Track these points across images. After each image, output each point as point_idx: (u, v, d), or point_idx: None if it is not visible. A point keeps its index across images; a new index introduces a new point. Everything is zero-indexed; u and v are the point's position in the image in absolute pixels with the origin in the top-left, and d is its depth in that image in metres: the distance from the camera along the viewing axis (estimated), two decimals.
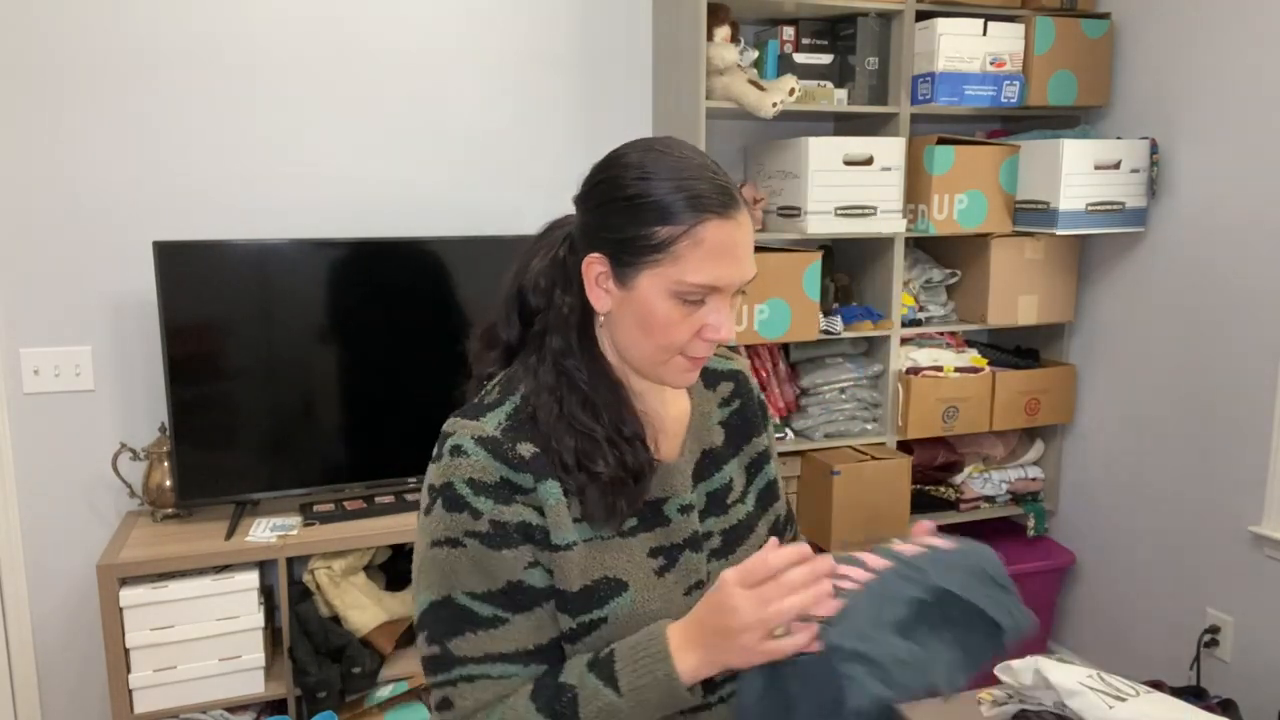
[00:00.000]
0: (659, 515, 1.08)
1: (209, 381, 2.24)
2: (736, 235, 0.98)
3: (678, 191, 0.97)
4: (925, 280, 2.80)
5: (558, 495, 1.01)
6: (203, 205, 2.41)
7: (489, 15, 2.58)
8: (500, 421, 1.02)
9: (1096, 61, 2.68)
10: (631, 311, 1.01)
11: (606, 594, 1.02)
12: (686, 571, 1.07)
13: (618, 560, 1.03)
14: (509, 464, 0.99)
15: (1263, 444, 2.37)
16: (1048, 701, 1.76)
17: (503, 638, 0.99)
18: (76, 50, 2.27)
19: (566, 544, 1.01)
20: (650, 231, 0.97)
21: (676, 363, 1.03)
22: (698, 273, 0.97)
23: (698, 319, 1.00)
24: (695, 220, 0.96)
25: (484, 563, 0.99)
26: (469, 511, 0.98)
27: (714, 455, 1.16)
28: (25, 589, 2.38)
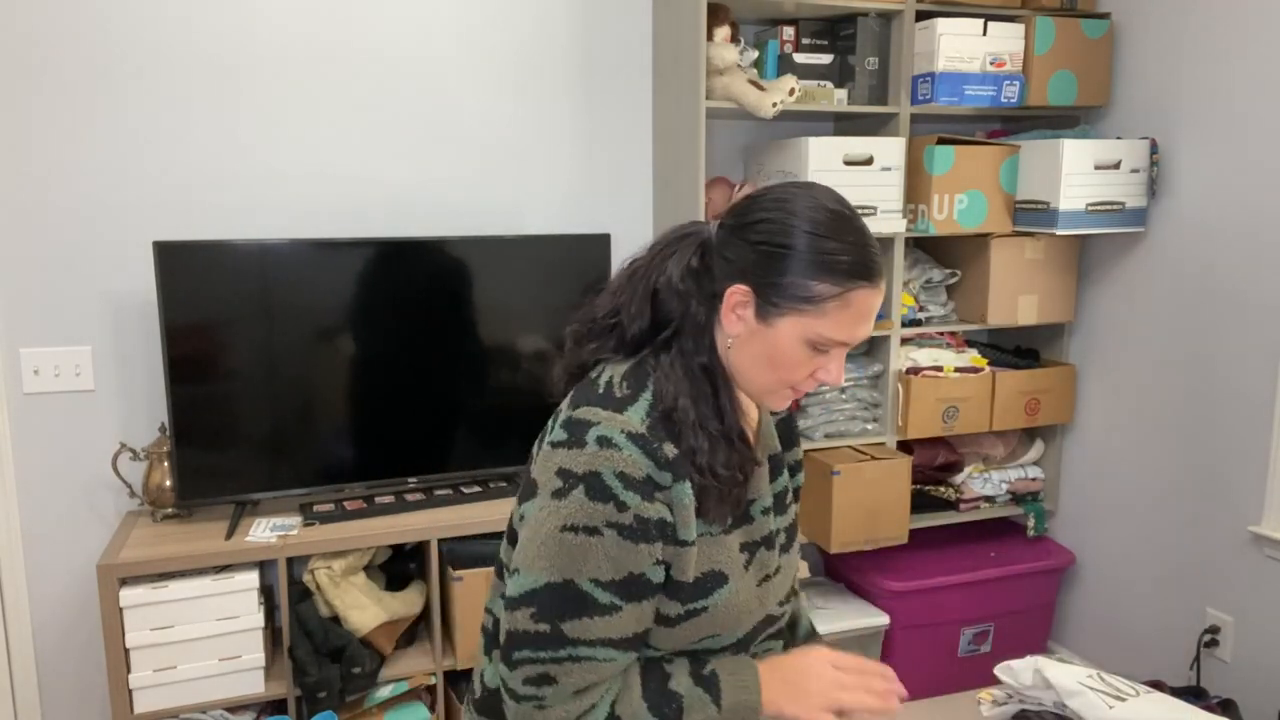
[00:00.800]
0: (747, 514, 1.17)
1: (209, 381, 2.24)
2: (877, 301, 1.08)
3: (843, 255, 1.05)
4: (925, 280, 2.80)
5: (689, 495, 1.07)
6: (203, 205, 2.41)
7: (489, 15, 2.58)
8: (643, 418, 1.06)
9: (1096, 61, 2.68)
10: (762, 345, 1.09)
11: (711, 585, 1.11)
12: (761, 566, 1.17)
13: (721, 555, 1.12)
14: (656, 462, 1.05)
15: (1263, 444, 2.37)
16: (1048, 701, 1.76)
17: (613, 625, 1.05)
18: (77, 50, 2.27)
19: (687, 540, 1.08)
20: (806, 284, 1.04)
21: (785, 394, 1.13)
22: (840, 331, 1.06)
23: (817, 362, 1.10)
24: (852, 286, 1.05)
25: (617, 554, 1.03)
26: (615, 503, 1.03)
27: (777, 459, 1.25)
28: (25, 589, 2.38)
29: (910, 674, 2.83)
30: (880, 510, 2.61)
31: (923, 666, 2.83)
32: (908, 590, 2.73)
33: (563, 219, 2.71)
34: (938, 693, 2.87)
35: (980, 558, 2.87)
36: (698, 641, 1.14)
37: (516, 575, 1.07)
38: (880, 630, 2.73)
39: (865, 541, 2.62)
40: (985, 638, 2.89)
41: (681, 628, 1.11)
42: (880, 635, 2.75)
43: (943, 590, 2.77)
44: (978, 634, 2.88)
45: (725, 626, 1.13)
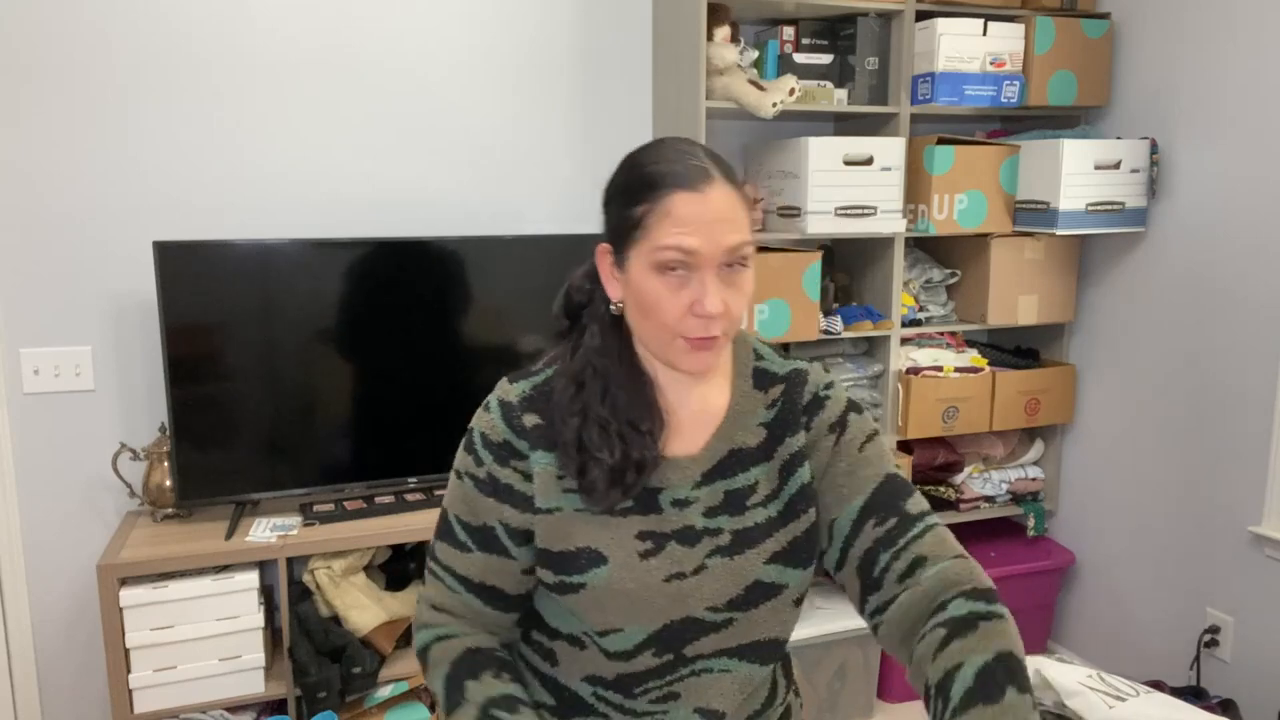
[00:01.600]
0: (653, 503, 1.12)
1: (209, 381, 2.24)
2: (705, 206, 1.02)
3: (649, 172, 1.05)
4: (925, 280, 2.80)
5: (547, 464, 1.11)
6: (203, 205, 2.41)
7: (489, 15, 2.58)
8: (524, 391, 1.14)
9: (1096, 61, 2.68)
10: (632, 296, 1.08)
11: (587, 563, 1.09)
12: (671, 561, 1.11)
13: (602, 535, 1.10)
14: (512, 428, 1.12)
15: (1263, 444, 2.37)
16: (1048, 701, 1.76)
17: (463, 561, 1.15)
18: (77, 50, 2.27)
19: (549, 508, 1.11)
20: (630, 212, 1.05)
21: (679, 345, 1.06)
22: (668, 238, 1.02)
23: (686, 295, 1.04)
24: (663, 194, 1.03)
25: (471, 501, 1.14)
26: (474, 457, 1.14)
27: (742, 455, 1.15)
28: (25, 589, 2.38)
29: None
30: None
31: None
32: None
33: (563, 219, 2.71)
34: None
35: (980, 558, 2.87)
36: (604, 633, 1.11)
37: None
38: None
39: None
40: None
41: (568, 600, 1.11)
42: None
43: None
44: None
45: (619, 616, 1.09)
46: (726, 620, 1.11)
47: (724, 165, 1.07)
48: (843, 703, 2.74)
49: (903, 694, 2.84)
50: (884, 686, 2.83)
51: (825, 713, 2.73)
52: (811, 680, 2.69)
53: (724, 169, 1.07)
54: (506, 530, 1.13)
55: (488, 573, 1.15)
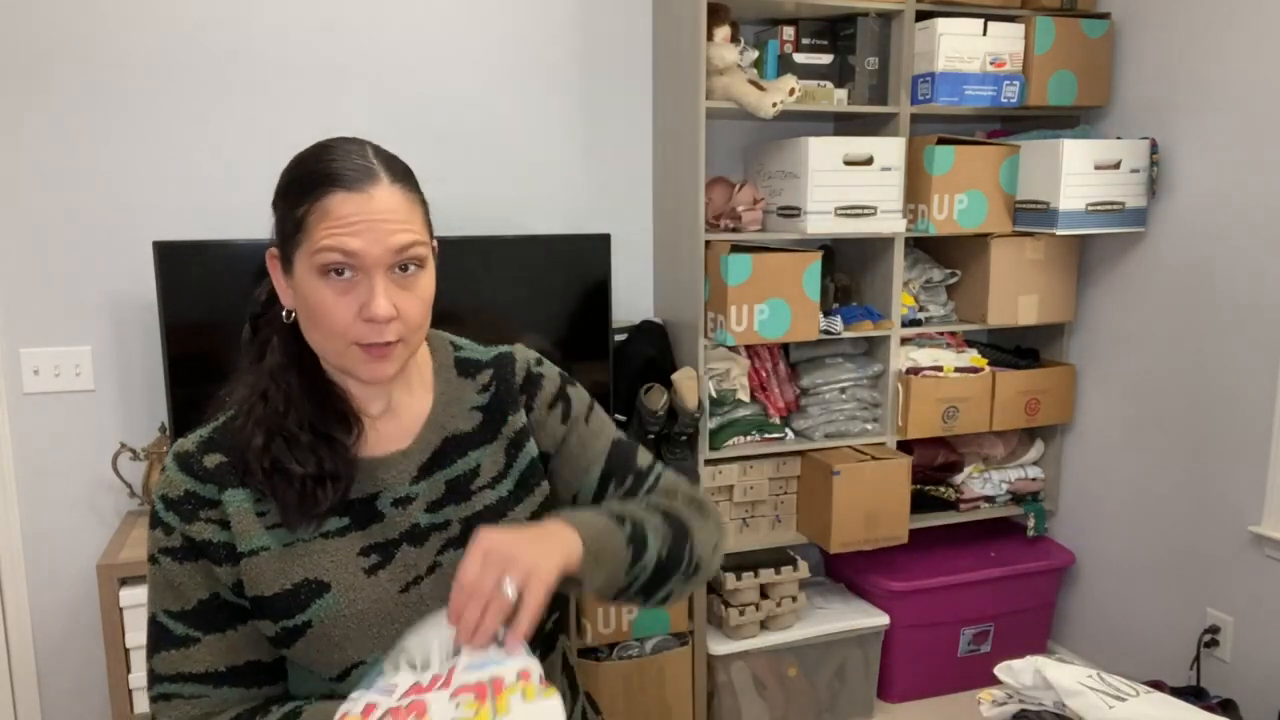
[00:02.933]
0: (371, 511, 1.05)
1: (209, 381, 2.23)
2: (368, 206, 0.97)
3: (308, 174, 0.99)
4: (925, 280, 2.80)
5: (241, 501, 1.01)
6: (203, 205, 2.41)
7: (489, 15, 2.58)
8: (203, 435, 1.05)
9: (1096, 61, 2.68)
10: (299, 300, 1.00)
11: (308, 597, 1.00)
12: (404, 567, 1.04)
13: (319, 562, 1.01)
14: (194, 475, 1.01)
15: (1263, 444, 2.37)
16: (1048, 701, 1.76)
17: (193, 657, 1.00)
18: (76, 50, 2.27)
19: (253, 550, 1.00)
20: (291, 214, 0.99)
21: (354, 353, 0.99)
22: (324, 239, 0.96)
23: (354, 300, 0.97)
24: (321, 195, 0.97)
25: (175, 580, 1.00)
26: (161, 528, 1.01)
27: (458, 440, 1.11)
28: (25, 589, 2.38)
29: (910, 674, 2.83)
30: (880, 510, 2.61)
31: (923, 666, 2.83)
32: (908, 590, 2.73)
33: (563, 219, 2.71)
34: (938, 693, 2.87)
35: (980, 558, 2.87)
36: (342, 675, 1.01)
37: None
38: (880, 630, 2.73)
39: (865, 541, 2.62)
40: (985, 638, 2.89)
41: (297, 648, 1.00)
42: (880, 635, 2.75)
43: (943, 590, 2.77)
44: (978, 634, 2.88)
45: (357, 647, 1.01)
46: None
47: (396, 165, 1.03)
48: (842, 703, 2.74)
49: (903, 694, 2.84)
50: (884, 686, 2.84)
51: (825, 713, 2.73)
52: (811, 680, 2.69)
53: (395, 169, 1.02)
54: (228, 590, 1.00)
55: (231, 652, 1.01)
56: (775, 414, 2.68)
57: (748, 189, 2.60)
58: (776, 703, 2.65)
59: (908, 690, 2.84)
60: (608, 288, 2.51)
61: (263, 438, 1.01)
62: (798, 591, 2.63)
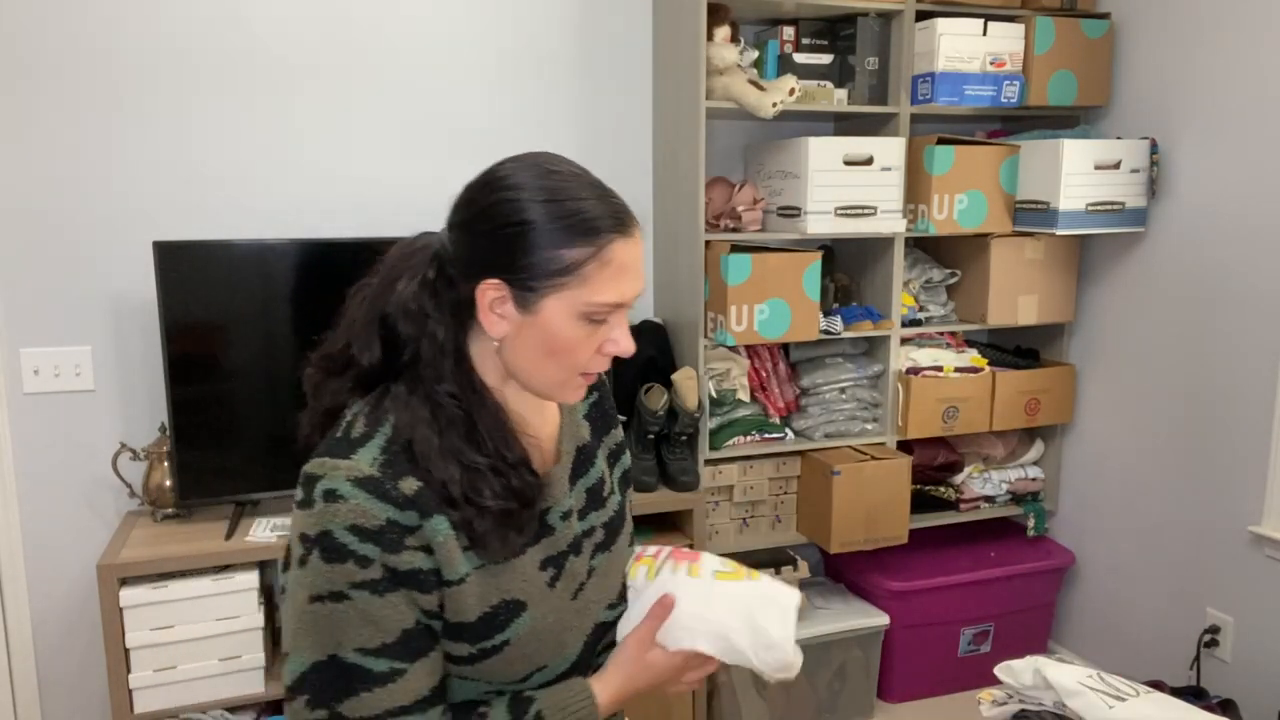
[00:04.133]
0: (544, 526, 1.06)
1: (209, 381, 2.24)
2: (637, 252, 1.00)
3: (583, 213, 0.96)
4: (925, 280, 2.80)
5: (445, 530, 0.96)
6: (203, 205, 2.41)
7: (489, 15, 2.58)
8: (375, 457, 0.96)
9: (1096, 61, 2.68)
10: (534, 336, 0.98)
11: (507, 617, 1.00)
12: (572, 576, 1.07)
13: (514, 582, 1.01)
14: (394, 503, 0.94)
15: (1263, 444, 2.37)
16: (1048, 701, 1.76)
17: (403, 690, 0.94)
18: (76, 50, 2.27)
19: (459, 578, 0.97)
20: (554, 255, 0.95)
21: (577, 382, 1.02)
22: (605, 292, 0.96)
23: (600, 336, 1.00)
24: (605, 241, 0.96)
25: (374, 615, 0.93)
26: (354, 560, 0.92)
27: (586, 450, 1.15)
28: (25, 589, 2.38)
29: (910, 674, 2.83)
30: (880, 510, 2.61)
31: (923, 666, 2.83)
32: (908, 590, 2.73)
33: None
34: (938, 693, 2.87)
35: (980, 558, 2.87)
36: (523, 679, 1.03)
37: (287, 660, 0.96)
38: (880, 630, 2.73)
39: (865, 541, 2.62)
40: (985, 638, 2.89)
41: (484, 666, 1.00)
42: (880, 635, 2.75)
43: (943, 590, 2.77)
44: (978, 634, 2.88)
45: (547, 656, 1.04)
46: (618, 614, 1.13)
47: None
48: (843, 703, 2.74)
49: (903, 694, 2.84)
50: (884, 686, 2.83)
51: (825, 713, 2.73)
52: (812, 680, 2.69)
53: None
54: (427, 616, 0.97)
55: (434, 673, 0.98)
56: (775, 414, 2.68)
57: (748, 189, 2.60)
58: (777, 703, 2.65)
59: (908, 690, 2.84)
60: None
61: (457, 470, 0.97)
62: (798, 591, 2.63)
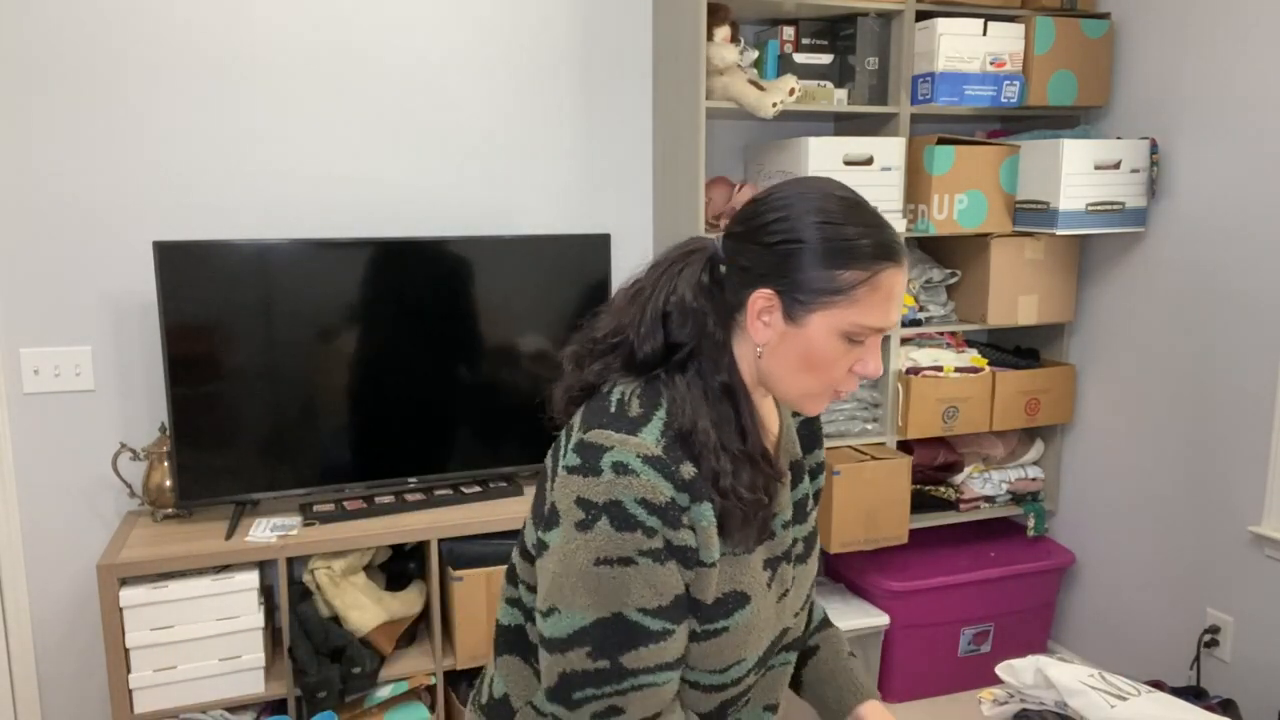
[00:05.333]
0: (769, 529, 1.14)
1: (209, 381, 2.24)
2: (903, 281, 1.06)
3: (863, 239, 1.02)
4: (925, 280, 2.80)
5: (710, 517, 1.04)
6: (203, 205, 2.41)
7: (490, 15, 2.58)
8: (658, 439, 1.03)
9: (1096, 61, 2.68)
10: (796, 347, 1.05)
11: (733, 606, 1.09)
12: (781, 581, 1.15)
13: (744, 575, 1.10)
14: (675, 484, 1.02)
15: (1263, 444, 2.37)
16: (1049, 701, 1.76)
17: (670, 648, 1.05)
18: (76, 49, 2.27)
19: (713, 561, 1.06)
20: (831, 274, 1.02)
21: (826, 396, 1.09)
22: (872, 316, 1.03)
23: (854, 356, 1.06)
24: (879, 268, 1.02)
25: (655, 580, 1.02)
26: (642, 531, 1.00)
27: (797, 466, 1.22)
28: (25, 589, 2.37)
29: (910, 674, 2.83)
30: (880, 510, 2.61)
31: (923, 666, 2.83)
32: (908, 590, 2.73)
33: (563, 219, 2.71)
34: (938, 693, 2.87)
35: (980, 558, 2.87)
36: (722, 670, 1.11)
37: (556, 615, 1.04)
38: (880, 630, 2.73)
39: (865, 541, 2.62)
40: (985, 638, 2.89)
41: (699, 648, 1.09)
42: (880, 635, 2.75)
43: (943, 590, 2.77)
44: (978, 634, 2.88)
45: (747, 648, 1.12)
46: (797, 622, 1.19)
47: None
48: None
49: (903, 694, 2.84)
50: (884, 686, 2.83)
51: None
52: None
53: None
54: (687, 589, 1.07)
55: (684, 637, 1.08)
56: None
57: (748, 189, 2.60)
58: None
59: (908, 690, 2.84)
60: (608, 288, 2.51)
61: (729, 461, 1.05)
62: None
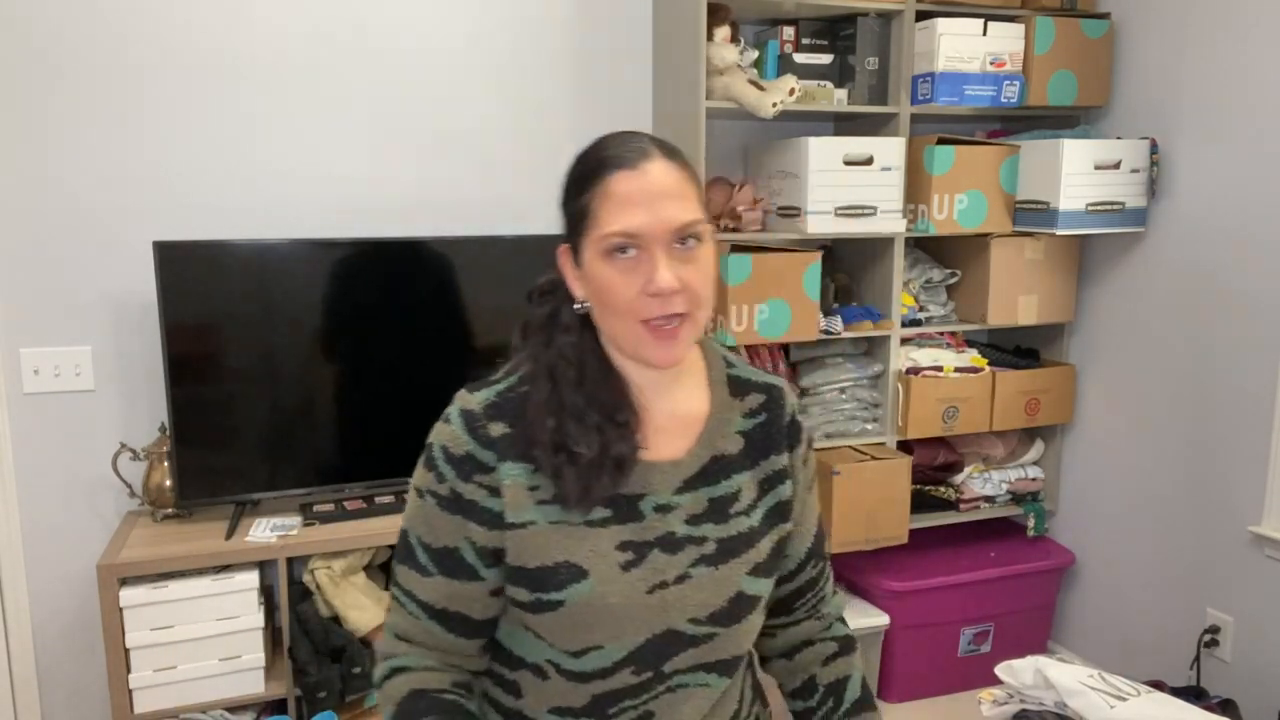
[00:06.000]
0: (634, 510, 1.08)
1: (209, 381, 2.24)
2: (644, 182, 1.02)
3: (591, 162, 1.06)
4: (925, 280, 2.80)
5: (517, 475, 1.05)
6: (203, 205, 2.41)
7: (488, 15, 2.58)
8: (488, 398, 1.09)
9: (1096, 61, 2.68)
10: (590, 288, 1.06)
11: (566, 578, 1.04)
12: (653, 570, 1.07)
13: (581, 548, 1.05)
14: (477, 440, 1.06)
15: (1263, 444, 2.37)
16: (1048, 701, 1.76)
17: (423, 586, 1.08)
18: (76, 50, 2.27)
19: (523, 522, 1.05)
20: (577, 204, 1.05)
21: (642, 334, 1.03)
22: (609, 223, 1.01)
23: (638, 276, 1.02)
24: (602, 178, 1.03)
25: (433, 521, 1.07)
26: (435, 473, 1.08)
27: (725, 462, 1.14)
28: (25, 589, 2.37)
29: (910, 674, 2.83)
30: (880, 510, 2.61)
31: (923, 666, 2.83)
32: (908, 590, 2.73)
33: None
34: (938, 693, 2.87)
35: (980, 558, 2.87)
36: (580, 652, 1.06)
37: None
38: (880, 630, 2.73)
39: (865, 541, 2.62)
40: (985, 638, 2.89)
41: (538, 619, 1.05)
42: (880, 635, 2.75)
43: (943, 590, 2.77)
44: (978, 634, 2.88)
45: (603, 636, 1.05)
46: (708, 635, 1.09)
47: (669, 147, 1.07)
48: None
49: (903, 694, 2.84)
50: (884, 686, 2.84)
51: None
52: None
53: (668, 150, 1.06)
54: (474, 550, 1.06)
55: (452, 598, 1.08)
56: None
57: (748, 189, 2.60)
58: (777, 703, 2.65)
59: (908, 690, 2.84)
60: None
61: (554, 419, 1.05)
62: None
